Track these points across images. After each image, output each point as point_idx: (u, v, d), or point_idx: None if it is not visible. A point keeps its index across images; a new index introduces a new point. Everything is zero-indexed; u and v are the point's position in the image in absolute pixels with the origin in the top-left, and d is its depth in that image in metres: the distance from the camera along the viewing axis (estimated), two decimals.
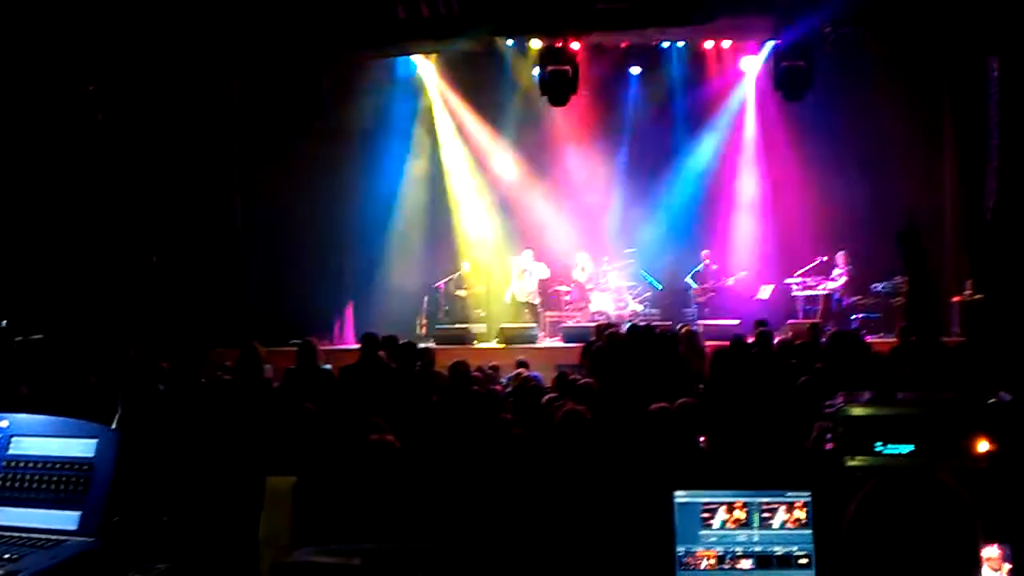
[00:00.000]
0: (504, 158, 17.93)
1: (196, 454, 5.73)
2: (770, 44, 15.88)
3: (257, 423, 6.13)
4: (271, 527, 4.87)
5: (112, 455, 3.06)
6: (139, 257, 13.67)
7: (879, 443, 3.34)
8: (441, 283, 17.12)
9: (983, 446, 3.27)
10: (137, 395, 6.79)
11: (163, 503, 4.78)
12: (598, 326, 12.55)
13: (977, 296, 14.69)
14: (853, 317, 15.67)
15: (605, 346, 10.41)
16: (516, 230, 17.71)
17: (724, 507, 3.21)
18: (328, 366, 9.61)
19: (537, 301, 16.78)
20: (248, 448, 5.67)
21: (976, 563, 1.93)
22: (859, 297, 15.93)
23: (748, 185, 17.90)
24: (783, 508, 3.21)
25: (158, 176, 14.22)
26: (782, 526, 3.21)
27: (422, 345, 10.57)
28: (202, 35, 13.35)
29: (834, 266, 16.08)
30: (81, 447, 3.09)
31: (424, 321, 16.79)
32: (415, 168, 17.43)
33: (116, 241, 13.65)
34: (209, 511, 5.15)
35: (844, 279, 15.95)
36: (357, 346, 9.74)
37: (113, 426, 3.22)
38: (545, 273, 16.87)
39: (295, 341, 9.02)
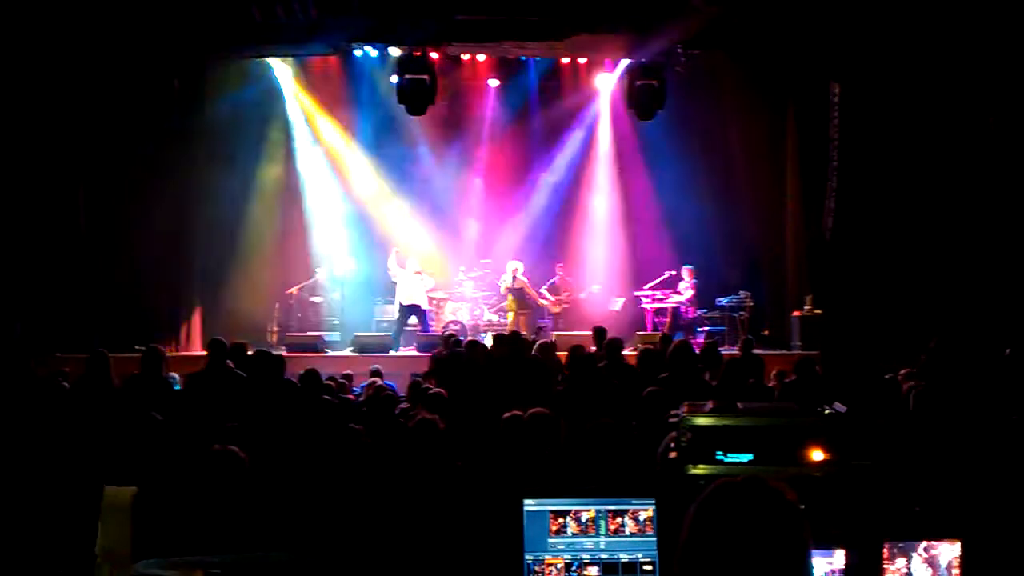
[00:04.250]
0: (361, 165, 17.79)
1: (31, 463, 5.49)
2: (624, 63, 16.25)
3: (96, 431, 5.91)
4: (109, 539, 4.69)
5: None
6: None
7: (720, 452, 3.45)
8: (294, 289, 16.84)
9: (819, 455, 3.41)
10: None
11: None
12: (446, 336, 12.52)
13: (816, 311, 15.30)
14: (699, 329, 16.11)
15: (461, 355, 10.36)
16: (371, 238, 17.59)
17: (572, 515, 3.25)
18: (174, 374, 9.35)
19: (427, 308, 16.45)
20: (85, 457, 5.46)
21: (806, 569, 2.00)
22: (705, 310, 16.40)
23: (601, 200, 18.24)
24: (629, 516, 3.26)
25: None
26: (628, 534, 3.26)
27: (274, 352, 10.34)
28: (49, 31, 12.83)
29: (681, 280, 16.51)
30: None
31: (276, 328, 16.50)
32: (268, 172, 17.11)
33: None
34: (43, 523, 4.94)
35: (691, 293, 16.38)
36: (204, 353, 9.50)
37: None
38: (430, 282, 16.72)
39: (140, 347, 8.72)
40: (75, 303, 14.37)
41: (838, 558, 3.12)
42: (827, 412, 3.59)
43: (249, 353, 9.11)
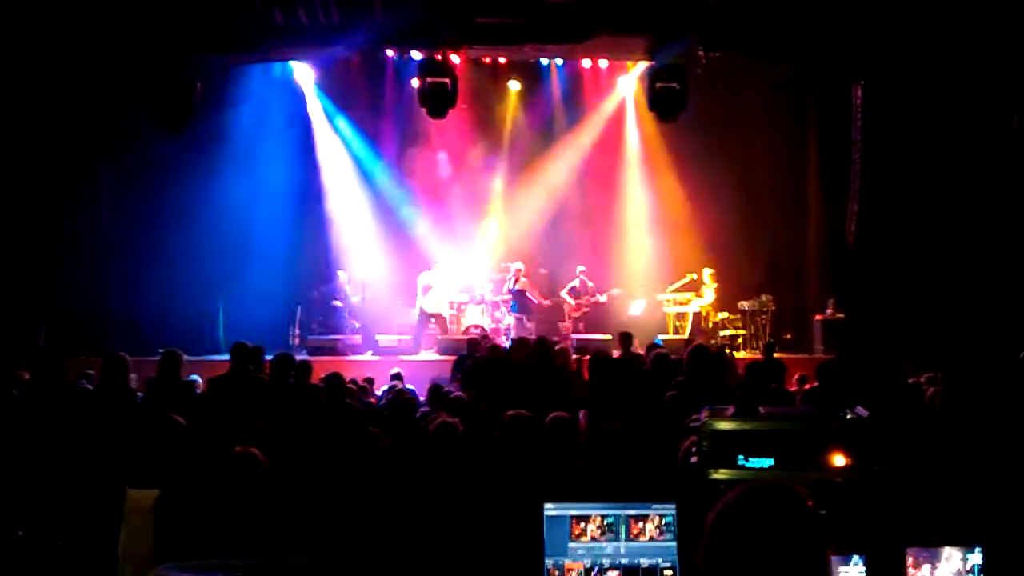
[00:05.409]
0: (382, 168, 17.83)
1: (54, 466, 5.53)
2: (644, 64, 16.21)
3: (119, 434, 5.94)
4: (132, 542, 4.72)
5: None
6: None
7: (742, 456, 3.43)
8: (316, 293, 16.88)
9: (840, 460, 3.38)
10: None
11: (18, 517, 4.59)
12: (471, 340, 12.54)
13: (838, 315, 15.22)
14: (721, 333, 16.05)
15: (486, 358, 10.34)
16: (392, 241, 17.61)
17: (592, 520, 3.25)
18: (196, 376, 9.39)
19: (447, 313, 16.54)
20: (108, 460, 5.49)
21: (825, 574, 1.99)
22: (727, 314, 16.33)
23: (623, 202, 18.21)
24: (649, 521, 3.26)
25: (21, 177, 13.70)
26: (648, 539, 3.26)
27: (299, 357, 10.36)
28: (71, 34, 12.91)
29: (702, 284, 16.45)
30: None
31: (297, 331, 16.54)
32: (289, 175, 17.13)
33: None
34: (67, 525, 4.97)
35: (712, 296, 16.32)
36: (227, 356, 9.52)
37: None
38: (454, 289, 16.78)
39: (161, 350, 8.76)
40: (98, 307, 14.46)
41: (859, 565, 3.10)
42: (849, 417, 3.56)
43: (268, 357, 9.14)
